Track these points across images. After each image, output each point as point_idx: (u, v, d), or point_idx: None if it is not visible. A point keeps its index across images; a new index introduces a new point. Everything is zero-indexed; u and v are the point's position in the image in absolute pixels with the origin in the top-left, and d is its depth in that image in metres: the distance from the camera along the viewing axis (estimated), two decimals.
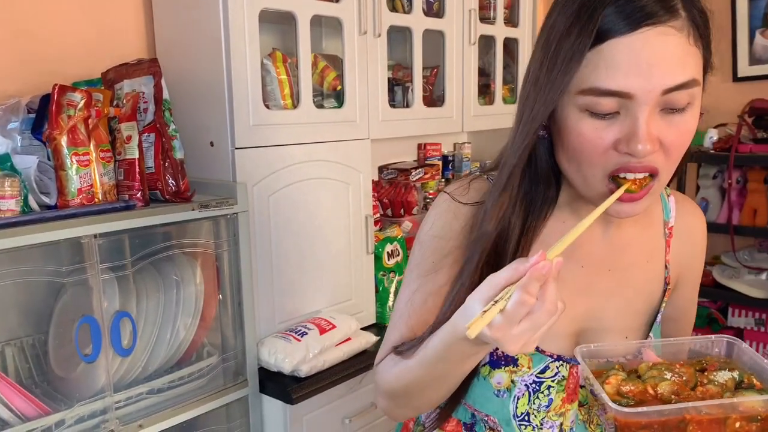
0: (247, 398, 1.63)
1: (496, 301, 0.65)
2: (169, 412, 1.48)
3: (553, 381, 0.88)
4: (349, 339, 1.76)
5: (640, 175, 0.75)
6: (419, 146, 2.54)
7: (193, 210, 1.46)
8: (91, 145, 1.35)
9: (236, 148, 1.60)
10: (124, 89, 1.51)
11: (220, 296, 1.59)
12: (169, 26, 1.71)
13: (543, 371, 0.88)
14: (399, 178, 2.34)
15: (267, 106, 1.67)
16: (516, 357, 0.87)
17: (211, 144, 1.64)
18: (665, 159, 0.75)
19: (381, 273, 2.00)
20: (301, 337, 1.66)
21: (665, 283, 0.95)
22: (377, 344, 1.83)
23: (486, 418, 0.91)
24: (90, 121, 1.35)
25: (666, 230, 0.96)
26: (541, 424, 0.88)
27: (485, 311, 0.65)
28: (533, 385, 0.88)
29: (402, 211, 2.23)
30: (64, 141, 1.30)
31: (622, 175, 0.75)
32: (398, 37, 2.18)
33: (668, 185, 0.89)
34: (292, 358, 1.61)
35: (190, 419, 1.53)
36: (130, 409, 1.42)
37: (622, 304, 0.92)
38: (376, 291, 2.01)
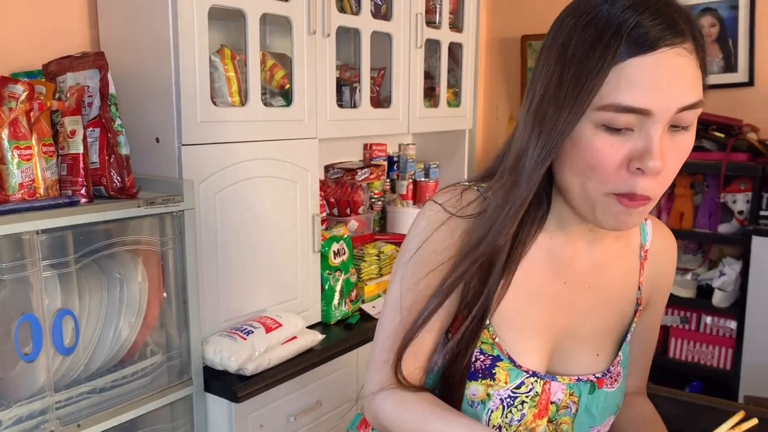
0: (192, 397, 1.62)
1: None
2: (111, 411, 1.45)
3: (527, 396, 0.88)
4: (295, 338, 1.76)
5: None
6: (365, 146, 2.57)
7: (138, 207, 1.44)
8: (33, 139, 1.32)
9: (183, 145, 1.59)
10: (68, 82, 1.48)
11: (165, 294, 1.57)
12: (115, 20, 1.68)
13: (519, 386, 0.88)
14: (345, 177, 2.36)
15: (214, 103, 1.66)
16: (493, 371, 0.87)
17: (157, 140, 1.62)
18: (665, 179, 0.76)
19: (327, 272, 2.02)
20: (247, 335, 1.66)
21: (637, 303, 0.97)
22: (323, 343, 1.85)
23: None
24: (32, 114, 1.32)
25: (642, 252, 0.97)
26: None
27: None
28: (508, 400, 0.88)
29: (348, 210, 2.25)
30: (4, 134, 1.26)
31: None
32: (346, 37, 2.19)
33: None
34: (238, 356, 1.61)
35: (133, 419, 1.51)
36: (71, 409, 1.39)
37: (597, 322, 0.94)
38: (322, 290, 2.02)
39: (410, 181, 2.60)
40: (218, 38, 1.86)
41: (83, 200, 1.38)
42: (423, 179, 2.64)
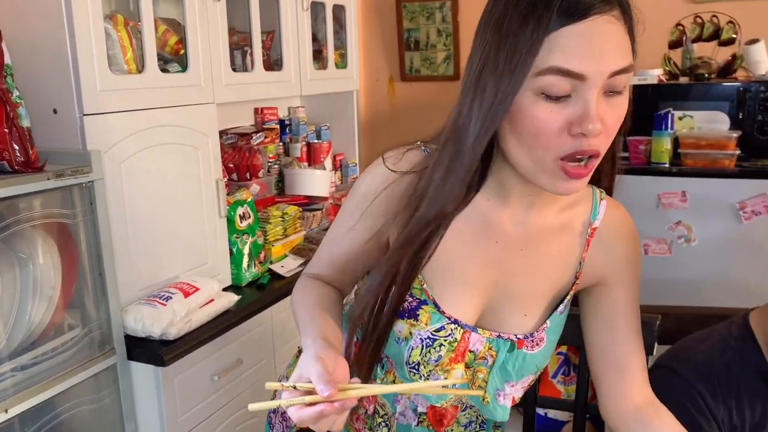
0: (116, 367, 1.62)
1: (295, 386, 0.75)
2: (36, 388, 1.44)
3: (445, 340, 0.94)
4: (212, 300, 1.80)
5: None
6: (256, 111, 2.58)
7: (48, 180, 1.42)
8: None
9: (84, 115, 1.56)
10: None
11: (79, 267, 1.55)
12: None
13: (438, 330, 0.95)
14: (240, 142, 2.38)
15: (112, 71, 1.63)
16: (417, 312, 0.95)
17: (54, 111, 1.57)
18: (605, 139, 0.81)
19: (234, 236, 2.05)
20: (166, 301, 1.67)
21: (575, 277, 0.99)
22: (238, 304, 1.90)
23: (386, 359, 1.01)
24: None
25: (588, 230, 0.99)
26: (428, 376, 0.96)
27: (285, 386, 0.75)
28: (427, 340, 0.95)
29: (248, 174, 2.28)
30: None
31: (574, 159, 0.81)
32: (233, 1, 2.19)
33: (607, 189, 1.01)
34: (160, 322, 1.63)
35: (59, 393, 1.50)
36: None
37: (529, 285, 0.98)
38: (231, 253, 2.05)
39: (303, 143, 2.66)
40: (107, 4, 1.81)
41: None
42: (316, 141, 2.71)
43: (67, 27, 1.51)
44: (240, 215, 2.07)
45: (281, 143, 2.62)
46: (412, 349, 0.95)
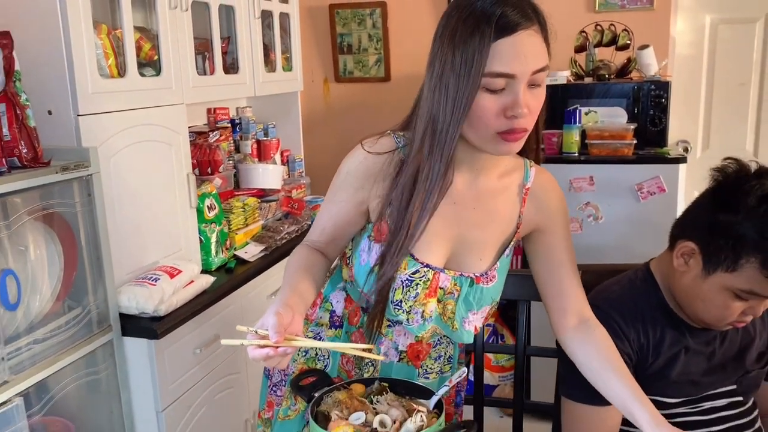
0: (112, 342, 1.80)
1: (256, 331, 0.98)
2: (43, 364, 1.59)
3: (420, 281, 1.20)
4: (192, 281, 2.00)
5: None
6: (209, 111, 2.77)
7: (56, 173, 1.59)
8: None
9: (79, 115, 1.73)
10: None
11: (79, 252, 1.72)
12: None
13: (414, 273, 1.20)
14: (198, 140, 2.56)
15: (100, 76, 1.81)
16: (400, 261, 1.18)
17: (49, 112, 1.73)
18: (531, 119, 1.08)
19: (203, 225, 2.25)
20: (155, 282, 1.86)
21: (516, 227, 1.26)
22: (214, 284, 2.11)
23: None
24: None
25: (523, 190, 1.26)
26: (410, 309, 1.22)
27: (249, 330, 0.99)
28: (406, 281, 1.20)
29: (209, 169, 2.47)
30: None
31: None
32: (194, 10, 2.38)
33: (535, 160, 1.27)
34: (153, 300, 1.82)
35: (62, 368, 1.66)
36: (17, 360, 1.52)
37: (482, 235, 1.24)
38: (201, 241, 2.25)
39: (253, 140, 2.87)
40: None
41: (5, 170, 1.50)
42: (264, 138, 2.92)
43: (63, 36, 1.68)
44: (207, 206, 2.27)
45: (233, 141, 2.82)
46: (395, 290, 1.21)
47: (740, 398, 1.40)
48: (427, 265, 1.22)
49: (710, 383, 1.38)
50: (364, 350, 1.11)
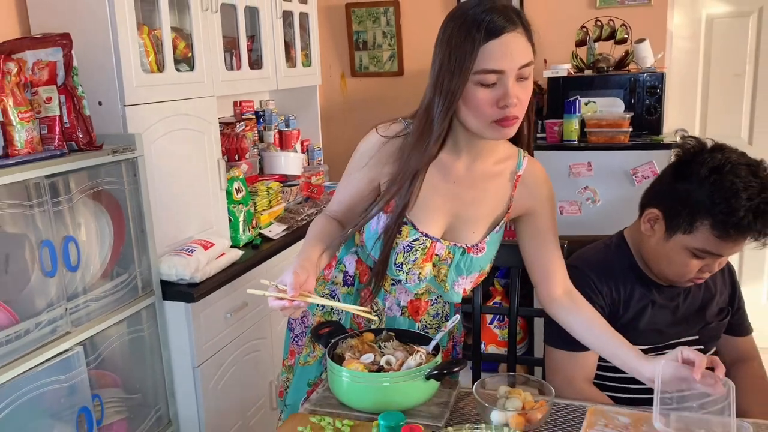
0: (154, 305, 2.05)
1: (276, 286, 1.20)
2: (103, 317, 1.85)
3: (419, 247, 1.41)
4: (224, 254, 2.24)
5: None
6: (235, 104, 3.01)
7: (108, 155, 1.83)
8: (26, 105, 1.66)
9: (125, 106, 1.97)
10: (28, 59, 1.79)
11: (126, 225, 1.97)
12: (45, 9, 1.98)
13: (414, 240, 1.40)
14: (226, 130, 2.80)
15: (142, 71, 2.05)
16: (401, 229, 1.39)
17: (100, 103, 1.98)
18: (521, 108, 1.26)
19: (232, 205, 2.49)
20: (191, 253, 2.11)
21: (507, 208, 1.45)
22: (242, 257, 2.35)
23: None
24: (20, 85, 1.66)
25: (515, 177, 1.44)
26: (408, 271, 1.43)
27: (271, 285, 1.22)
28: (407, 247, 1.40)
29: (236, 156, 2.71)
30: (10, 102, 1.60)
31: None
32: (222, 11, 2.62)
33: (527, 149, 1.45)
34: (190, 268, 2.06)
35: (112, 325, 1.91)
36: (77, 315, 1.77)
37: (476, 212, 1.43)
38: (230, 220, 2.49)
39: (276, 131, 3.11)
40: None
41: (66, 152, 1.74)
42: (286, 129, 3.16)
43: (111, 37, 1.92)
44: (236, 189, 2.51)
45: (257, 131, 3.05)
46: (398, 254, 1.43)
47: (702, 347, 1.60)
48: (426, 235, 1.42)
49: (675, 333, 1.59)
50: (362, 311, 1.36)
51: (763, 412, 1.59)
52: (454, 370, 1.34)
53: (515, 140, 1.42)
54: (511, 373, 1.41)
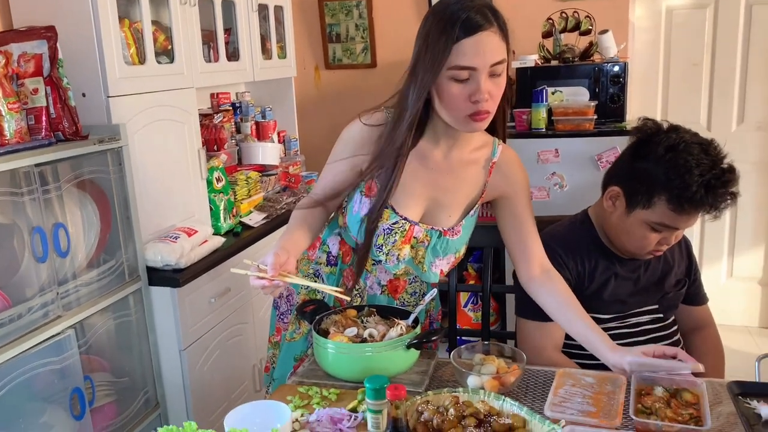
0: (141, 290, 2.11)
1: (258, 266, 1.27)
2: (86, 305, 1.91)
3: (398, 230, 1.49)
4: (206, 241, 2.31)
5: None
6: (212, 95, 3.06)
7: (93, 144, 1.89)
8: (14, 96, 1.71)
9: (109, 97, 2.03)
10: (14, 51, 1.84)
11: (112, 212, 2.03)
12: (27, 2, 2.03)
13: (394, 223, 1.48)
14: (204, 121, 2.86)
15: (124, 63, 2.11)
16: (382, 213, 1.46)
17: (83, 95, 2.03)
18: (493, 103, 1.32)
19: (213, 194, 2.55)
20: (176, 240, 2.17)
21: (481, 194, 1.53)
22: (224, 244, 2.42)
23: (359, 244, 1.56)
24: (7, 77, 1.70)
25: (490, 164, 1.52)
26: (389, 252, 1.51)
27: (253, 265, 1.29)
28: (387, 230, 1.48)
29: (215, 147, 2.77)
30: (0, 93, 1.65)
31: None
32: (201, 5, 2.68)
33: (501, 138, 1.53)
34: (175, 254, 2.13)
35: (99, 311, 1.97)
36: (65, 301, 1.83)
37: (452, 197, 1.51)
38: (211, 209, 2.55)
39: (253, 122, 3.17)
40: None
41: (54, 141, 1.80)
42: (262, 120, 3.22)
43: (94, 30, 1.98)
44: (216, 178, 2.57)
45: (234, 123, 3.11)
46: (379, 236, 1.52)
47: (661, 315, 1.72)
48: (405, 218, 1.51)
49: (636, 303, 1.70)
50: (337, 291, 1.43)
51: (718, 373, 1.73)
52: (433, 338, 1.43)
53: (491, 129, 1.50)
54: (485, 342, 1.51)
